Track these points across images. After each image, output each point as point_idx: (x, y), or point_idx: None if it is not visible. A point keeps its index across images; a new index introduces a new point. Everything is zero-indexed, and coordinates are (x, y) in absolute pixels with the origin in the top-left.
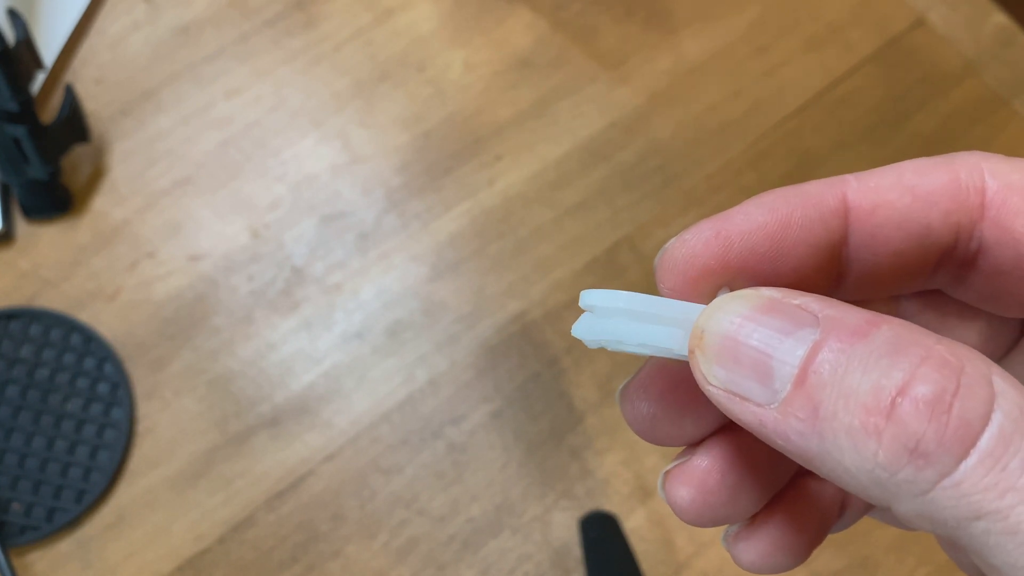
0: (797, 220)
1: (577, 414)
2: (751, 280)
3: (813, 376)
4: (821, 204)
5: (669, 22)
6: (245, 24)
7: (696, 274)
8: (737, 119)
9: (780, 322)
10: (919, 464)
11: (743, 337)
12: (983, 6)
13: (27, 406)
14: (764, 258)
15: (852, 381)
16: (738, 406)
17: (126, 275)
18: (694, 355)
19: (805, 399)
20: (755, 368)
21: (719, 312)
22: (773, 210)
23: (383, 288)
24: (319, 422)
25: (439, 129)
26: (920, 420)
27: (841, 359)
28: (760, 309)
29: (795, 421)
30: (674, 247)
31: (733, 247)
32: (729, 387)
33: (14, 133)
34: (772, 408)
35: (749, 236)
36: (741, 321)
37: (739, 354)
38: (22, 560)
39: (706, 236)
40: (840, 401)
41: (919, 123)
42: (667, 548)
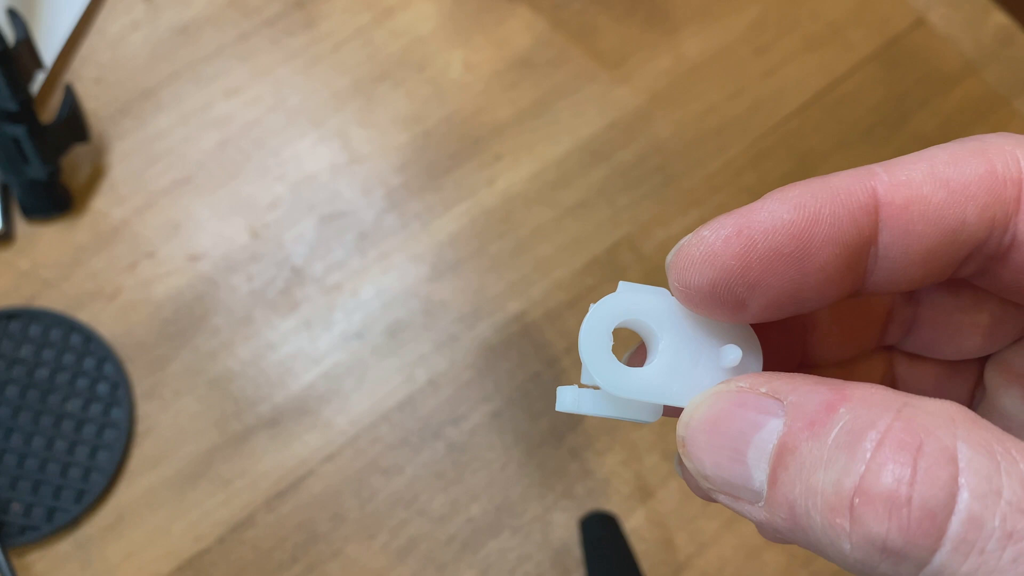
0: (826, 218)
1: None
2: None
3: (783, 473)
4: (850, 200)
5: (669, 22)
6: (244, 23)
7: (716, 276)
8: (737, 119)
9: (750, 416)
10: (893, 560)
11: (718, 439)
12: (983, 6)
13: (27, 406)
14: (789, 259)
15: (816, 478)
16: (735, 505)
17: (126, 275)
18: (683, 463)
19: (781, 497)
20: (735, 467)
21: (693, 418)
22: (799, 207)
23: (383, 288)
24: (319, 422)
25: (439, 129)
26: (880, 520)
27: (805, 454)
28: (731, 404)
29: (779, 520)
30: (691, 244)
31: (756, 246)
32: (722, 488)
33: (14, 133)
34: (760, 506)
35: (773, 235)
36: (714, 424)
37: (719, 455)
38: (22, 560)
39: (726, 233)
40: (809, 500)
41: (919, 123)
42: (667, 548)
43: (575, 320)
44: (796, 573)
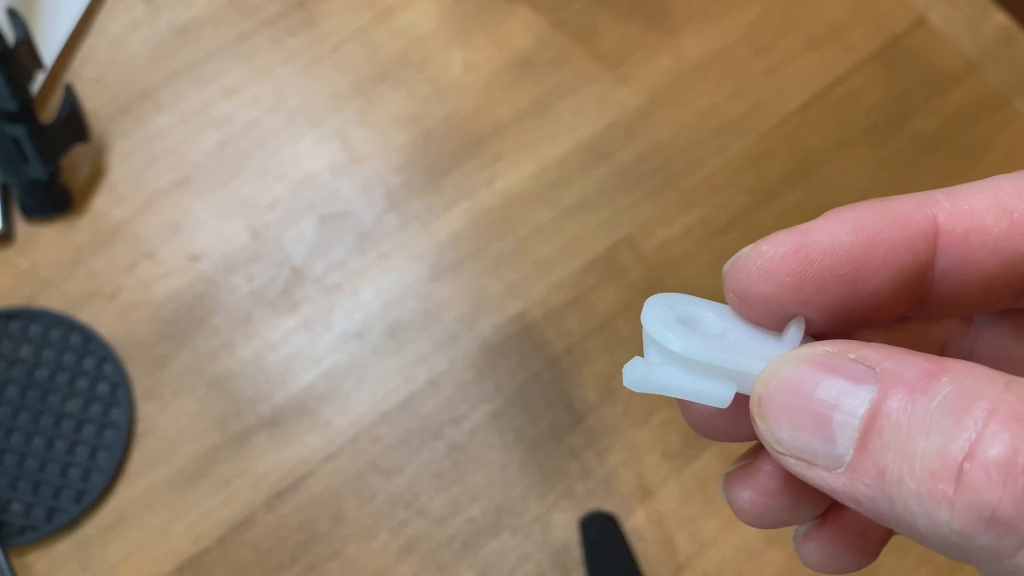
0: (884, 242)
1: (577, 414)
2: (827, 303)
3: (875, 439)
4: (910, 226)
5: (669, 21)
6: (244, 23)
7: (770, 290)
8: (737, 118)
9: (837, 380)
10: (997, 532)
11: (801, 401)
12: (983, 6)
13: (26, 406)
14: (844, 280)
15: (916, 444)
16: (807, 471)
17: (125, 275)
18: (756, 424)
19: (870, 464)
20: (817, 432)
21: (774, 377)
22: (859, 230)
23: (383, 288)
24: (319, 422)
25: (439, 129)
26: (993, 487)
27: (902, 420)
28: (815, 368)
29: (862, 487)
30: (749, 258)
31: (812, 266)
32: (795, 453)
33: (13, 133)
34: (839, 472)
35: (831, 255)
36: (797, 384)
37: (799, 420)
38: (21, 560)
39: (784, 251)
40: (905, 466)
41: (920, 123)
42: (667, 548)
43: (575, 320)
44: (796, 573)
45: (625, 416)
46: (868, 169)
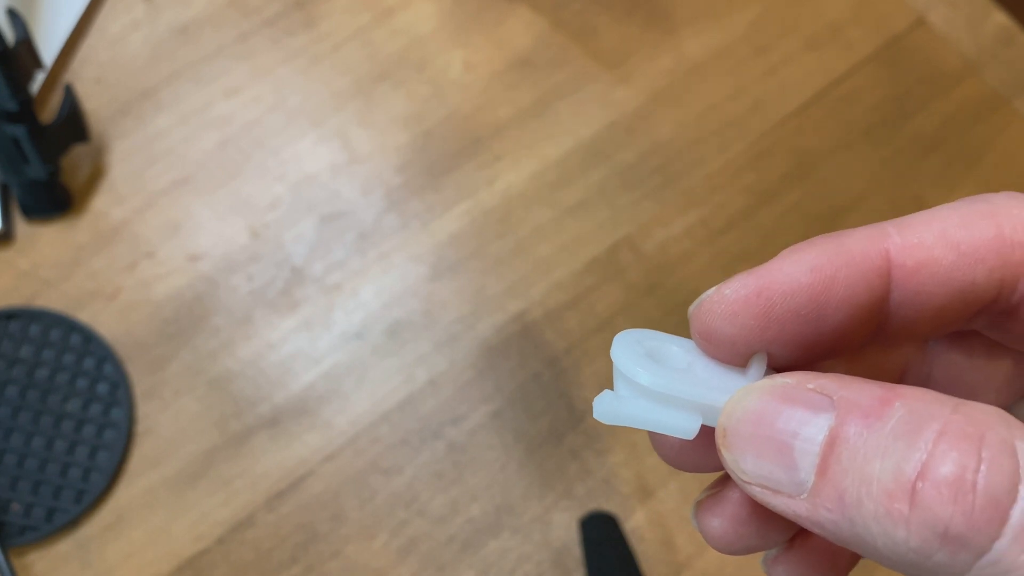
0: (841, 280)
1: (577, 414)
2: (790, 340)
3: (834, 464)
4: (864, 263)
5: (669, 21)
6: (244, 23)
7: (735, 332)
8: (737, 119)
9: (797, 410)
10: (951, 548)
11: (764, 431)
12: (983, 6)
13: (26, 406)
14: (806, 319)
15: (872, 467)
16: (772, 499)
17: (125, 275)
18: (721, 454)
19: (830, 488)
20: (780, 460)
21: (737, 408)
22: (815, 270)
23: (383, 288)
24: (319, 422)
25: (439, 129)
26: (944, 504)
27: (859, 444)
28: (777, 399)
29: (824, 511)
30: (713, 302)
31: (775, 308)
32: (760, 481)
33: (13, 133)
34: (802, 498)
35: (791, 297)
36: (759, 415)
37: (762, 448)
38: (21, 560)
39: (746, 294)
40: (863, 488)
41: (919, 123)
42: (667, 548)
43: (575, 320)
44: None
45: None
46: (868, 169)
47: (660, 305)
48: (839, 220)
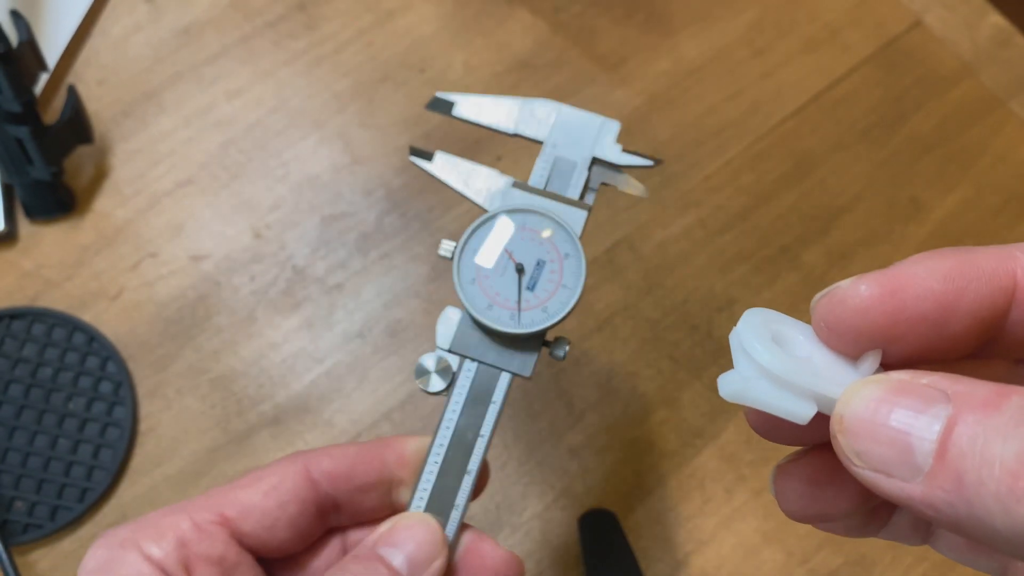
0: (970, 294)
1: (576, 413)
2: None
3: (953, 448)
4: (993, 280)
5: (668, 24)
6: (246, 25)
7: (862, 327)
8: (735, 120)
9: (914, 402)
10: None
11: (881, 419)
12: (980, 7)
13: (30, 405)
14: (931, 324)
15: (993, 449)
16: (884, 483)
17: (129, 275)
18: (836, 440)
19: (948, 471)
20: (896, 447)
21: (856, 398)
22: (948, 280)
23: (384, 288)
24: (320, 421)
25: (439, 130)
26: None
27: (979, 430)
28: (893, 391)
29: (941, 492)
30: (846, 294)
31: (906, 309)
32: (873, 466)
33: (17, 134)
34: (917, 482)
35: (923, 301)
36: (877, 404)
37: (879, 435)
38: (25, 558)
39: (881, 292)
40: (984, 469)
41: (916, 124)
42: (666, 546)
43: (574, 320)
44: (793, 571)
45: (624, 415)
46: (865, 170)
47: (659, 305)
48: (836, 221)
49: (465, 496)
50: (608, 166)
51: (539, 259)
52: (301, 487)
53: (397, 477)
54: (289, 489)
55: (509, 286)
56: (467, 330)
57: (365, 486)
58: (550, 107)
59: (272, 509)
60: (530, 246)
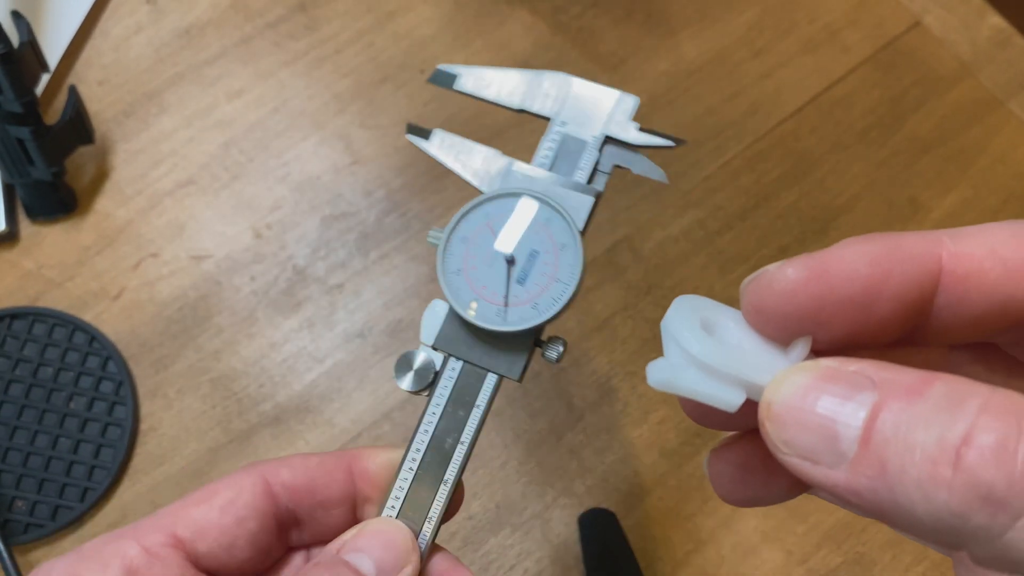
0: (896, 277)
1: (576, 413)
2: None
3: (877, 435)
4: (919, 264)
5: (667, 25)
6: (247, 26)
7: (789, 311)
8: (734, 121)
9: (840, 389)
10: (992, 510)
11: (808, 406)
12: (979, 8)
13: (31, 405)
14: (857, 307)
15: (916, 436)
16: (810, 470)
17: (130, 275)
18: (764, 427)
19: (872, 457)
20: (822, 434)
21: (783, 385)
22: (875, 263)
23: (384, 288)
24: (321, 420)
25: None
26: (987, 468)
27: (902, 417)
28: (820, 378)
29: (864, 479)
30: (773, 277)
31: (832, 293)
32: (799, 453)
33: (18, 134)
34: (842, 469)
35: (849, 284)
36: (804, 392)
37: (806, 422)
38: (26, 558)
39: (807, 275)
40: (906, 455)
41: (915, 124)
42: (665, 545)
43: (574, 320)
44: (792, 571)
45: (623, 414)
46: (864, 170)
47: (658, 305)
48: (835, 221)
49: (440, 508)
50: (623, 146)
51: (532, 249)
52: (260, 501)
53: (363, 494)
54: (247, 503)
55: (497, 279)
56: (453, 326)
57: (327, 502)
58: (560, 79)
59: (230, 526)
60: (525, 234)
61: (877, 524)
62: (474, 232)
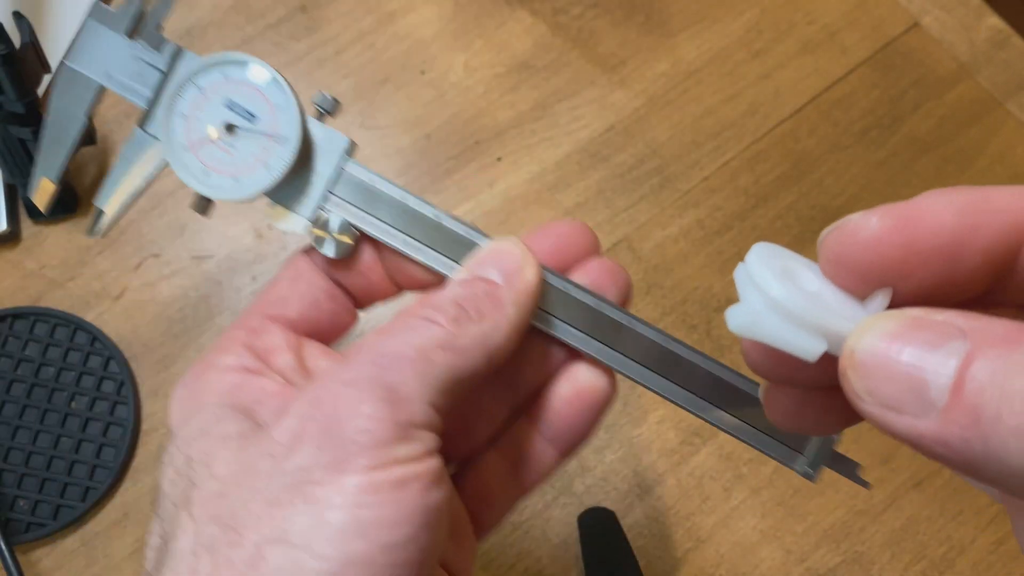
0: (984, 228)
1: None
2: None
3: (971, 383)
4: (1007, 216)
5: (667, 26)
6: (248, 27)
7: (872, 260)
8: (734, 121)
9: (929, 337)
10: None
11: (894, 354)
12: (977, 9)
13: (33, 404)
14: (945, 260)
15: (1013, 384)
16: (895, 420)
17: (131, 275)
18: (846, 376)
19: (965, 406)
20: (909, 383)
21: (868, 333)
22: (963, 214)
23: None
24: None
25: (440, 131)
26: None
27: (999, 365)
28: (908, 327)
29: (956, 428)
30: (857, 227)
31: (918, 242)
32: (884, 402)
33: (20, 135)
34: (931, 419)
35: (937, 235)
36: (891, 340)
37: (891, 371)
38: (27, 557)
39: (893, 224)
40: (1004, 404)
41: (914, 125)
42: (665, 544)
43: None
44: (791, 570)
45: (623, 414)
46: (863, 171)
47: (658, 305)
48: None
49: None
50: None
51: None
52: (316, 265)
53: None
54: (308, 268)
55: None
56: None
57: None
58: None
59: (305, 291)
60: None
61: (876, 524)
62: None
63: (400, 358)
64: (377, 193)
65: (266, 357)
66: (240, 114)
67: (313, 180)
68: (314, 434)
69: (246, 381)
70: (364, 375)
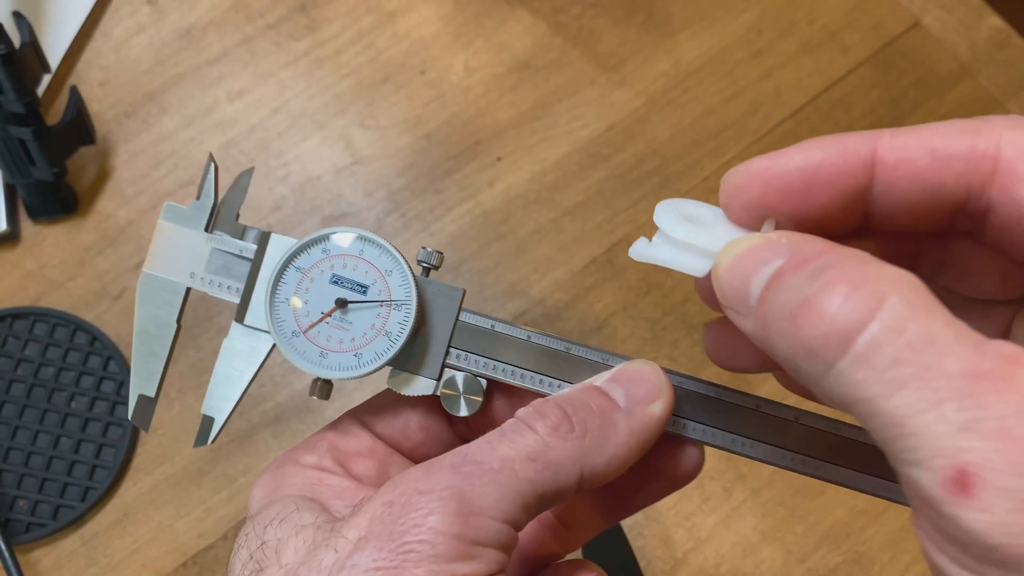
0: (828, 167)
1: None
2: (789, 212)
3: (767, 294)
4: (852, 155)
5: (667, 25)
6: (248, 27)
7: (744, 198)
8: (734, 121)
9: (766, 253)
10: (812, 360)
11: (737, 268)
12: (978, 9)
13: (32, 404)
14: (797, 195)
15: (782, 297)
16: (735, 319)
17: (131, 275)
18: (714, 285)
19: (759, 312)
20: (742, 291)
21: (726, 252)
22: (808, 156)
23: None
24: (322, 420)
25: (440, 131)
26: (807, 327)
27: (784, 280)
28: (756, 247)
29: (754, 327)
30: (733, 176)
31: (772, 184)
32: (730, 305)
33: (20, 135)
34: (749, 319)
35: (786, 176)
36: (740, 257)
37: (732, 282)
38: (27, 557)
39: (753, 172)
40: (773, 312)
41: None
42: (665, 544)
43: (574, 320)
44: (792, 570)
45: None
46: None
47: (658, 305)
48: None
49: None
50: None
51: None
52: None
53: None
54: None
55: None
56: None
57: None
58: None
59: (402, 408)
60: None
61: (877, 524)
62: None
63: (482, 467)
64: (498, 336)
65: (346, 461)
66: (350, 287)
67: (432, 338)
68: (379, 536)
69: (324, 478)
70: (441, 483)
